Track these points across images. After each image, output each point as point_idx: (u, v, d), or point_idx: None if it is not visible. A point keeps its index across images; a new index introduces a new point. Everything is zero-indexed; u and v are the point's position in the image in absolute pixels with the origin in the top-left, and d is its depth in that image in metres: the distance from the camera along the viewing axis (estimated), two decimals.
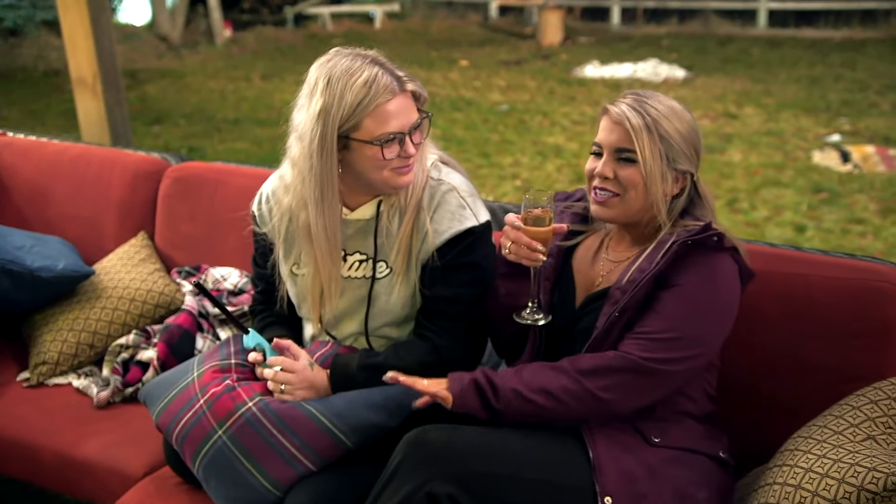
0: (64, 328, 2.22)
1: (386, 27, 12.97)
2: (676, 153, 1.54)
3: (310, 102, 1.57)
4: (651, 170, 1.52)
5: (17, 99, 8.55)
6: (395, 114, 1.57)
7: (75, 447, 1.95)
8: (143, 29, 12.34)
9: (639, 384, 1.49)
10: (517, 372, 1.54)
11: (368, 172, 1.62)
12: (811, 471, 1.42)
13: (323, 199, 1.60)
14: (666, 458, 1.51)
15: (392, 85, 1.56)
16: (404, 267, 1.69)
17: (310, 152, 1.57)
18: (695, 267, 1.50)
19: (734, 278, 1.54)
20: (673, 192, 1.57)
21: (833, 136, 6.35)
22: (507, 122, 7.24)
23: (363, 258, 1.73)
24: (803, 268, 1.74)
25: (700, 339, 1.50)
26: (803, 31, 11.15)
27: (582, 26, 12.23)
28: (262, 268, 1.85)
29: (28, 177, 2.67)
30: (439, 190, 1.68)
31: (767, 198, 5.13)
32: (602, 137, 1.57)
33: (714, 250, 1.52)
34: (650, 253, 1.54)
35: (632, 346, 1.50)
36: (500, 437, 1.50)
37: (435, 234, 1.65)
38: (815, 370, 1.72)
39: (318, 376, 1.67)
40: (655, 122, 1.52)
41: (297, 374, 1.64)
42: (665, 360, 1.48)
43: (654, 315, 1.51)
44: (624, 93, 1.59)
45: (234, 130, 7.17)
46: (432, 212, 1.66)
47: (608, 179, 1.56)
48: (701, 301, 1.50)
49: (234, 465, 1.58)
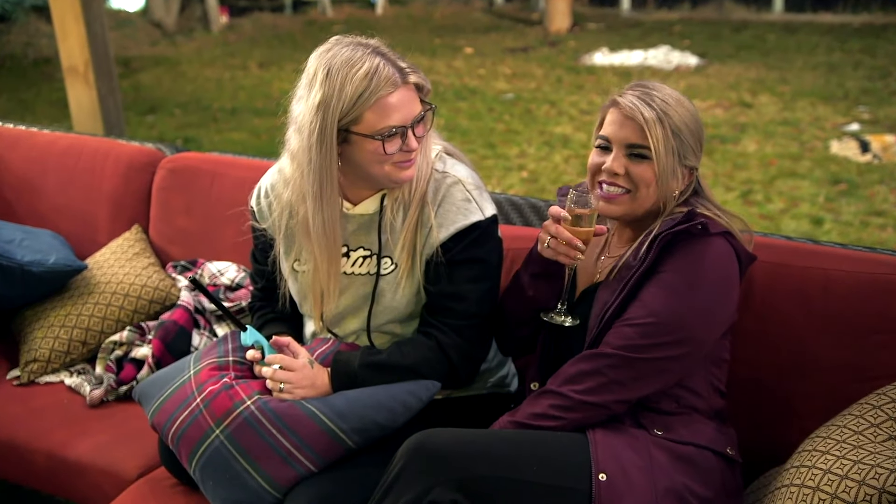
0: (55, 324, 2.20)
1: (388, 13, 12.93)
2: (685, 148, 1.53)
3: (309, 94, 1.54)
4: (664, 166, 1.50)
5: (5, 88, 8.53)
6: (398, 107, 1.53)
7: (67, 448, 1.93)
8: (136, 15, 12.30)
9: (623, 377, 1.48)
10: (510, 413, 1.58)
11: (369, 166, 1.58)
12: (830, 472, 1.38)
13: (322, 193, 1.56)
14: (669, 451, 1.49)
15: (394, 77, 1.53)
16: (409, 263, 1.66)
17: (309, 145, 1.54)
18: (679, 254, 1.49)
19: (724, 261, 1.51)
20: (681, 187, 1.55)
21: (852, 125, 6.29)
22: (513, 111, 7.20)
23: (367, 254, 1.71)
24: (822, 262, 1.71)
25: (682, 323, 1.47)
26: (821, 16, 11.07)
27: (591, 12, 12.19)
28: (261, 264, 1.83)
29: (17, 168, 2.65)
30: (444, 183, 1.66)
31: (783, 189, 5.08)
32: (611, 132, 1.54)
33: (701, 236, 1.49)
34: (636, 247, 1.54)
35: (612, 336, 1.50)
36: (504, 439, 1.48)
37: (439, 228, 1.63)
38: (832, 367, 1.69)
39: (319, 374, 1.65)
40: (667, 114, 1.50)
41: (297, 373, 1.62)
42: (644, 346, 1.47)
43: (635, 303, 1.50)
44: (628, 85, 1.57)
45: (230, 120, 7.13)
46: (437, 206, 1.64)
47: (618, 175, 1.53)
48: (682, 286, 1.48)
49: (232, 465, 1.56)
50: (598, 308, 1.56)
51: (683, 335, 1.48)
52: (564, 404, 1.50)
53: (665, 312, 1.47)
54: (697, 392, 1.56)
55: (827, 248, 1.77)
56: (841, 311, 1.67)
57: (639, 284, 1.51)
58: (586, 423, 1.51)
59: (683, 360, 1.50)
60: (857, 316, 1.66)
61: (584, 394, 1.49)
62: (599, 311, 1.55)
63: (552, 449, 1.46)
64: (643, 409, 1.54)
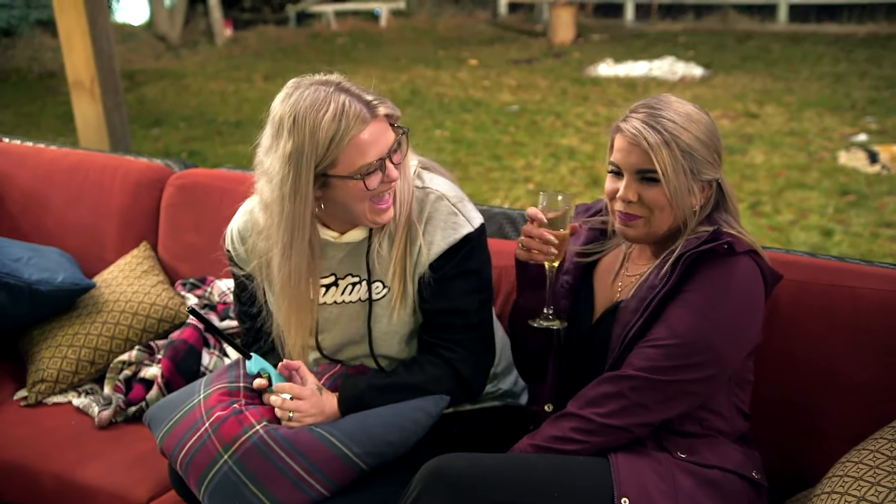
0: (63, 344, 2.16)
1: (392, 25, 12.93)
2: (700, 164, 1.48)
3: (277, 144, 1.50)
4: (675, 188, 1.47)
5: (10, 101, 8.53)
6: (372, 142, 1.49)
7: (76, 470, 1.89)
8: (140, 28, 12.33)
9: (647, 400, 1.45)
10: (530, 436, 1.55)
11: (352, 205, 1.55)
12: (864, 500, 1.34)
13: (292, 243, 1.53)
14: (693, 475, 1.45)
15: (362, 113, 1.48)
16: (401, 285, 1.63)
17: (281, 195, 1.50)
18: (704, 273, 1.46)
19: (751, 282, 1.48)
20: (700, 202, 1.52)
21: (859, 135, 6.24)
22: (518, 123, 7.16)
23: (356, 280, 1.67)
24: (849, 279, 1.68)
25: (709, 346, 1.44)
26: (826, 27, 10.99)
27: (594, 23, 12.16)
28: (246, 305, 1.78)
29: (24, 185, 2.62)
30: (428, 200, 1.63)
31: (792, 200, 5.04)
32: (619, 158, 1.52)
33: (727, 255, 1.46)
34: (658, 266, 1.51)
35: (635, 356, 1.47)
36: (524, 463, 1.45)
37: (429, 247, 1.60)
38: (859, 387, 1.65)
39: (328, 401, 1.62)
40: (673, 136, 1.46)
41: (306, 401, 1.59)
42: (668, 368, 1.44)
43: (659, 324, 1.47)
44: (634, 106, 1.53)
45: (235, 133, 7.11)
46: (423, 224, 1.61)
47: (632, 203, 1.50)
48: (708, 306, 1.45)
49: (241, 490, 1.53)
50: (619, 328, 1.52)
51: (708, 357, 1.45)
52: (586, 427, 1.47)
53: (690, 333, 1.44)
54: (721, 414, 1.53)
55: (854, 265, 1.73)
56: (869, 330, 1.64)
57: (662, 304, 1.48)
58: (608, 447, 1.48)
59: (708, 382, 1.47)
60: (885, 334, 1.62)
61: (607, 417, 1.46)
62: (621, 331, 1.52)
63: (573, 474, 1.43)
64: (666, 431, 1.50)
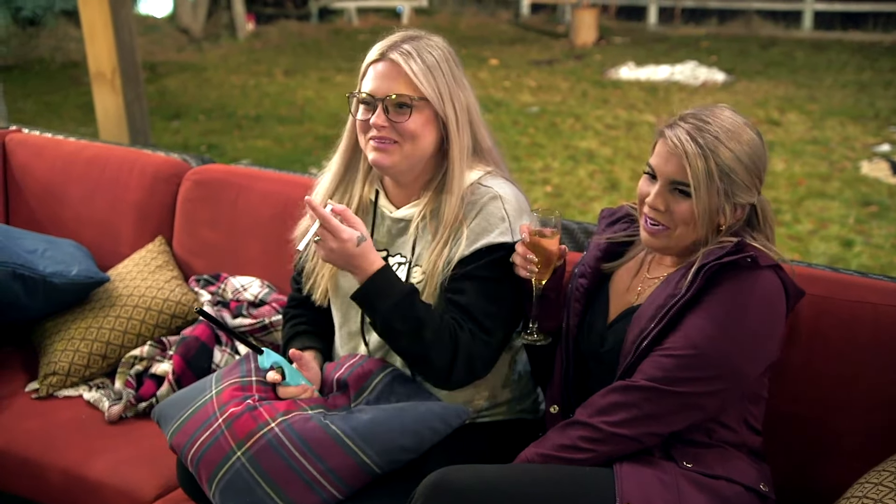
0: (76, 337, 2.16)
1: (414, 23, 12.90)
2: (737, 186, 1.46)
3: None
4: (705, 206, 1.45)
5: (33, 90, 8.57)
6: (375, 76, 1.61)
7: (84, 465, 1.89)
8: (163, 21, 12.35)
9: (658, 411, 1.43)
10: (537, 444, 1.53)
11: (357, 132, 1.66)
12: None
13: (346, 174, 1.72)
14: (698, 485, 1.43)
15: (383, 48, 1.62)
16: (436, 272, 1.62)
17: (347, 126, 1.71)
18: (726, 285, 1.43)
19: (772, 296, 1.45)
20: (730, 222, 1.49)
21: (882, 145, 6.18)
22: (538, 124, 7.13)
23: (403, 261, 1.68)
24: (871, 296, 1.65)
25: (723, 358, 1.42)
26: (850, 34, 10.86)
27: (617, 26, 12.08)
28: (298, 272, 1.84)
29: (42, 176, 2.62)
30: (485, 195, 1.63)
31: (812, 210, 4.98)
32: (657, 164, 1.50)
33: (750, 269, 1.43)
34: (677, 274, 1.49)
35: (649, 365, 1.45)
36: (527, 475, 1.43)
37: (468, 239, 1.60)
38: (881, 405, 1.62)
39: (365, 257, 1.53)
40: (714, 153, 1.43)
41: (340, 246, 1.51)
42: (681, 379, 1.42)
43: (676, 333, 1.45)
44: (682, 113, 1.50)
45: (254, 127, 7.10)
46: (472, 218, 1.61)
47: (659, 212, 1.48)
48: (727, 319, 1.42)
49: (253, 489, 1.51)
50: (633, 334, 1.50)
51: (723, 370, 1.43)
52: (595, 436, 1.45)
53: (706, 345, 1.42)
54: (730, 427, 1.50)
55: (876, 281, 1.70)
56: (890, 347, 1.61)
57: (680, 314, 1.45)
58: (616, 456, 1.46)
59: (721, 395, 1.44)
60: None
61: (616, 426, 1.44)
62: (635, 337, 1.49)
63: (578, 485, 1.41)
64: (673, 440, 1.48)
